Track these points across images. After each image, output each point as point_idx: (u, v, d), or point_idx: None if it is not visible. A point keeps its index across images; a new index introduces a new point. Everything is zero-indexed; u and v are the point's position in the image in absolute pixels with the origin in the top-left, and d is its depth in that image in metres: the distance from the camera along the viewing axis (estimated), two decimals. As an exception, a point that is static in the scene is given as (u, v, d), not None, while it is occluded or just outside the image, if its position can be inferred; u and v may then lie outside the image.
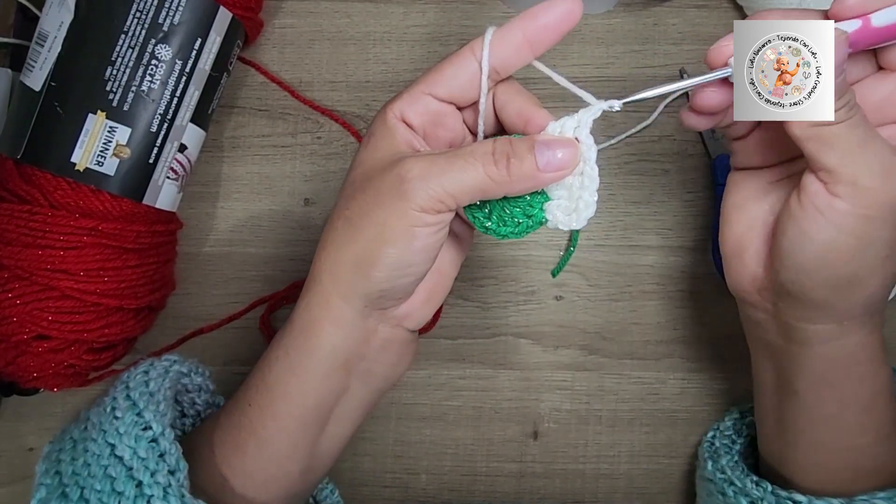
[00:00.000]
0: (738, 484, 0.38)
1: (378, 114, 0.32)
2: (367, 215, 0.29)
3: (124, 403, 0.34)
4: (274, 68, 0.50)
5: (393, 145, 0.30)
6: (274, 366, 0.33)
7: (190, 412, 0.40)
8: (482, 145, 0.29)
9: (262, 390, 0.33)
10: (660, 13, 0.50)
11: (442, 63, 0.31)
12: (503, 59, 0.30)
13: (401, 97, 0.31)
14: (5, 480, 0.48)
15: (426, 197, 0.28)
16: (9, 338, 0.41)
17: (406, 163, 0.29)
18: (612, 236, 0.49)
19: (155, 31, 0.41)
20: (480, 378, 0.49)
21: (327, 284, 0.31)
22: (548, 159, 0.29)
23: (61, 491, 0.32)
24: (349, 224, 0.30)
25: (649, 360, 0.49)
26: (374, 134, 0.31)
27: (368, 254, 0.29)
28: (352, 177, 0.32)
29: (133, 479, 0.31)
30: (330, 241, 0.31)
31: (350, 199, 0.31)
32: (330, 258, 0.31)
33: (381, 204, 0.29)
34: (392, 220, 0.29)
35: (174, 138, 0.43)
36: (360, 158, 0.32)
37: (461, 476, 0.49)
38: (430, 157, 0.29)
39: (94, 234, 0.40)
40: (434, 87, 0.31)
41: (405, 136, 0.31)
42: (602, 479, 0.48)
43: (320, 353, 0.32)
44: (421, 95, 0.31)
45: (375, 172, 0.30)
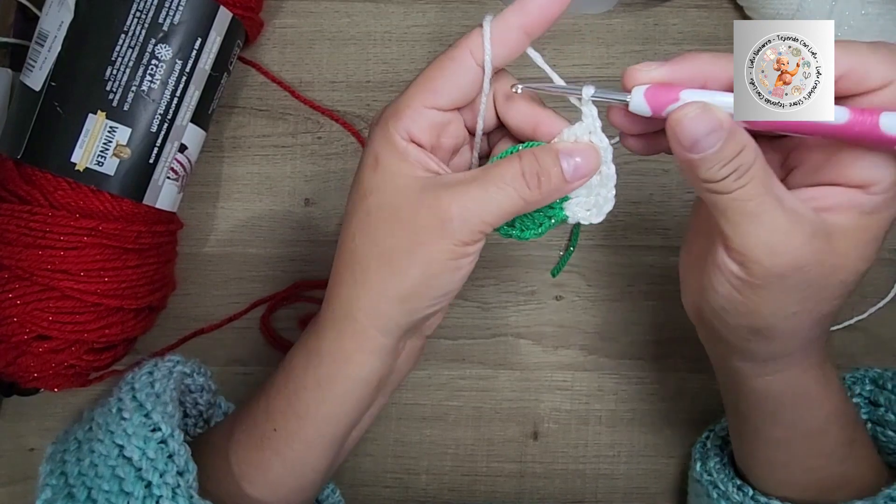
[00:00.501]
0: (721, 487, 0.39)
1: (378, 132, 0.30)
2: (408, 254, 0.29)
3: (131, 404, 0.34)
4: (274, 68, 0.50)
5: (409, 171, 0.29)
6: (303, 394, 0.33)
7: (192, 412, 0.40)
8: (510, 167, 0.29)
9: (290, 416, 0.33)
10: (660, 13, 0.50)
11: (438, 69, 0.29)
12: (503, 55, 0.29)
13: (402, 114, 0.29)
14: (5, 480, 0.48)
15: (468, 231, 0.29)
16: (9, 338, 0.41)
17: (442, 201, 0.28)
18: (612, 236, 0.49)
19: (155, 31, 0.41)
20: (480, 378, 0.49)
21: (363, 320, 0.31)
22: (574, 168, 0.29)
23: (67, 491, 0.32)
24: (387, 263, 0.30)
25: (649, 360, 0.49)
26: (382, 157, 0.30)
27: (414, 291, 0.30)
28: (366, 204, 0.30)
29: (142, 479, 0.31)
30: (361, 279, 0.31)
31: (379, 233, 0.30)
32: (367, 296, 0.31)
33: (422, 242, 0.29)
34: (437, 257, 0.29)
35: (174, 138, 0.43)
36: (371, 184, 0.30)
37: (461, 476, 0.49)
38: (463, 189, 0.29)
39: (95, 234, 0.40)
40: (436, 99, 0.29)
41: (419, 157, 0.30)
42: (602, 479, 0.48)
43: (356, 383, 0.32)
44: (423, 111, 0.29)
45: (401, 205, 0.29)
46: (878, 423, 0.39)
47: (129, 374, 0.37)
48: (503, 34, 0.29)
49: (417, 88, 0.30)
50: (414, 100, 0.29)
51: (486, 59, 0.29)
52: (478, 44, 0.29)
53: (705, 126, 0.26)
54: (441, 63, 0.29)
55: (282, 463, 0.33)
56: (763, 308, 0.29)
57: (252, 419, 0.35)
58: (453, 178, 0.30)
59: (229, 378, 0.48)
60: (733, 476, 0.39)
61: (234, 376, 0.49)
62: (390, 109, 0.30)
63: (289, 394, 0.33)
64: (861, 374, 0.41)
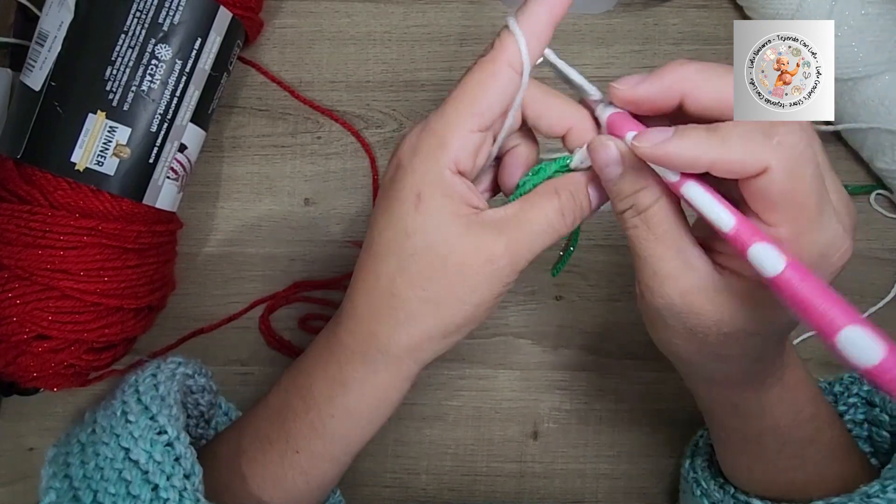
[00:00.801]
0: (703, 485, 0.39)
1: (421, 166, 0.28)
2: (458, 299, 0.29)
3: (136, 407, 0.34)
4: (274, 68, 0.50)
5: (454, 210, 0.29)
6: (329, 422, 0.33)
7: (193, 413, 0.40)
8: (549, 205, 0.30)
9: (314, 440, 0.33)
10: (660, 13, 0.50)
11: (480, 88, 0.28)
12: (537, 53, 0.29)
13: (449, 144, 0.28)
14: (5, 480, 0.48)
15: (514, 271, 0.30)
16: (9, 338, 0.41)
17: (488, 243, 0.29)
18: (612, 236, 0.49)
19: (155, 31, 0.41)
20: (480, 378, 0.49)
21: (404, 356, 0.31)
22: (598, 197, 0.31)
23: (73, 494, 0.32)
24: (436, 307, 0.30)
25: (649, 360, 0.49)
26: (426, 195, 0.28)
27: (459, 329, 0.31)
28: (410, 246, 0.29)
29: (149, 482, 0.31)
30: (406, 322, 0.30)
31: (426, 277, 0.29)
32: (411, 337, 0.30)
33: (472, 287, 0.29)
34: (487, 297, 0.30)
35: (174, 138, 0.43)
36: (415, 224, 0.29)
37: (461, 476, 0.49)
38: (507, 230, 0.29)
39: (94, 234, 0.40)
40: (482, 121, 0.28)
41: (463, 194, 0.29)
42: (602, 479, 0.48)
43: (389, 407, 0.33)
44: (470, 136, 0.28)
45: (448, 248, 0.29)
46: (874, 424, 0.39)
47: (132, 377, 0.37)
48: (536, 33, 0.28)
49: (460, 111, 0.28)
50: (459, 126, 0.28)
51: (524, 69, 0.28)
52: (515, 52, 0.28)
53: (604, 157, 0.28)
54: (481, 81, 0.28)
55: (306, 481, 0.34)
56: (653, 332, 0.31)
57: (267, 438, 0.34)
58: (495, 216, 0.30)
59: (229, 378, 0.48)
60: (716, 474, 0.39)
61: (234, 376, 0.49)
62: (433, 139, 0.28)
63: (312, 420, 0.33)
64: (859, 374, 0.40)
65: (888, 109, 0.44)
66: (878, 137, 0.45)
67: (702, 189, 0.26)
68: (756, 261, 0.24)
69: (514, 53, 0.28)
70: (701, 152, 0.25)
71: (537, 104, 0.30)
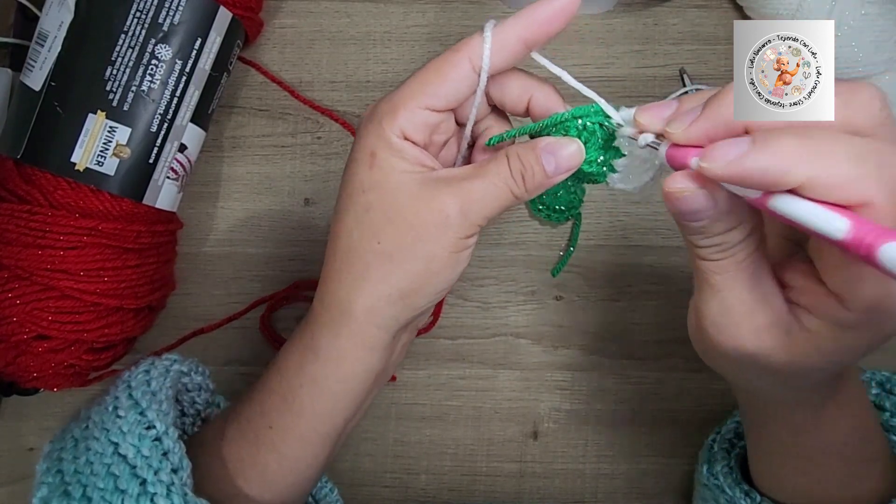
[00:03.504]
0: (728, 493, 0.38)
1: (372, 128, 0.30)
2: (408, 249, 0.30)
3: (127, 402, 0.34)
4: (274, 68, 0.50)
5: (406, 167, 0.30)
6: (298, 391, 0.33)
7: (190, 411, 0.40)
8: (501, 165, 0.30)
9: (285, 413, 0.33)
10: (660, 13, 0.50)
11: (436, 73, 0.30)
12: (501, 64, 0.29)
13: (397, 113, 0.30)
14: (5, 480, 0.48)
15: (468, 226, 0.30)
16: (9, 338, 0.41)
17: (441, 197, 0.29)
18: (612, 236, 0.49)
19: (155, 31, 0.41)
20: (480, 378, 0.49)
21: (362, 317, 0.31)
22: (555, 166, 0.29)
23: (63, 489, 0.32)
24: (387, 258, 0.30)
25: (649, 360, 0.49)
26: (379, 153, 0.30)
27: (415, 287, 0.30)
28: (364, 200, 0.30)
29: (137, 476, 0.31)
30: (361, 276, 0.31)
31: (380, 229, 0.30)
32: (368, 293, 0.31)
33: (423, 238, 0.30)
34: (439, 252, 0.30)
35: (174, 138, 0.43)
36: (369, 180, 0.30)
37: (461, 476, 0.49)
38: (461, 185, 0.29)
39: (94, 234, 0.40)
40: (433, 102, 0.30)
41: (415, 155, 0.30)
42: (602, 479, 0.48)
43: (353, 380, 0.33)
44: (419, 111, 0.30)
45: (401, 201, 0.30)
46: (885, 429, 0.38)
47: (126, 373, 0.37)
48: (503, 44, 0.29)
49: (414, 88, 0.30)
50: (410, 100, 0.30)
51: (483, 69, 0.29)
52: (477, 52, 0.29)
53: (692, 206, 0.24)
54: (440, 67, 0.30)
55: (278, 460, 0.33)
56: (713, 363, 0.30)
57: (245, 417, 0.35)
58: (449, 174, 0.30)
59: (229, 378, 0.48)
60: (740, 481, 0.38)
61: (234, 376, 0.49)
62: (385, 106, 0.30)
63: (284, 392, 0.33)
64: (868, 377, 0.40)
65: (888, 109, 0.44)
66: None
67: (796, 198, 0.21)
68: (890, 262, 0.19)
69: (476, 52, 0.29)
70: (792, 164, 0.21)
71: (498, 80, 0.31)
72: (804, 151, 0.21)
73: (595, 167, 0.30)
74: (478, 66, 0.29)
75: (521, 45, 0.29)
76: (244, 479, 0.34)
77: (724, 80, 0.49)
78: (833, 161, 0.20)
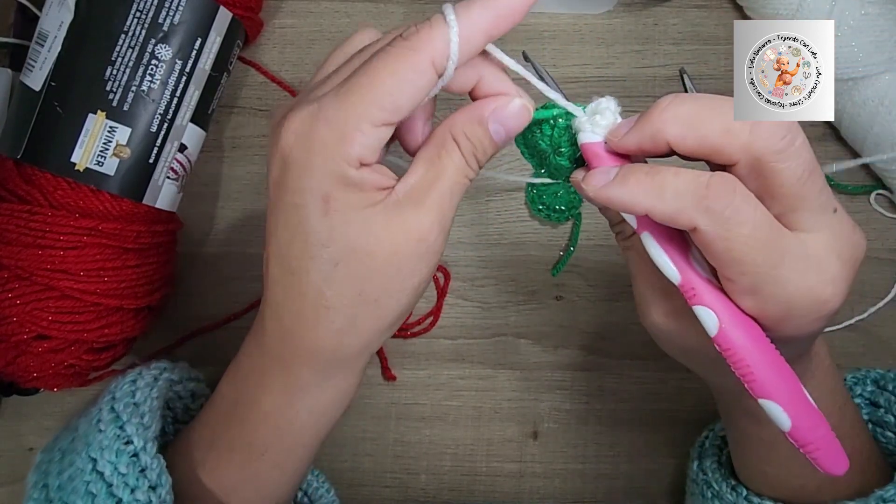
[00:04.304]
0: (714, 487, 0.39)
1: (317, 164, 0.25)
2: (395, 289, 0.28)
3: (108, 416, 0.33)
4: (274, 68, 0.50)
5: (368, 203, 0.26)
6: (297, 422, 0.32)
7: (184, 418, 0.40)
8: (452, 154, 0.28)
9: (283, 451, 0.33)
10: (660, 13, 0.50)
11: (395, 79, 0.25)
12: (463, 62, 0.26)
13: (350, 140, 0.25)
14: (5, 480, 0.48)
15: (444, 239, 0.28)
16: (9, 338, 0.41)
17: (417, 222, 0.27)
18: (612, 236, 0.49)
19: (155, 31, 0.41)
20: (480, 378, 0.49)
21: (353, 358, 0.30)
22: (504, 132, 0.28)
23: None
24: (376, 306, 0.28)
25: (649, 360, 0.49)
26: (334, 198, 0.26)
27: (402, 315, 0.30)
28: (329, 255, 0.27)
29: (113, 496, 0.30)
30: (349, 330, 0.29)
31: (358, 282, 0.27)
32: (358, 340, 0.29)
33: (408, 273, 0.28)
34: (426, 278, 0.29)
35: (174, 138, 0.43)
36: (327, 232, 0.26)
37: (461, 476, 0.49)
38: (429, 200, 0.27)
39: (94, 234, 0.40)
40: (391, 116, 0.25)
41: (373, 181, 0.27)
42: (602, 479, 0.48)
43: (344, 401, 0.32)
44: (377, 130, 0.25)
45: (373, 244, 0.27)
46: (878, 425, 0.39)
47: (113, 382, 0.36)
48: (468, 40, 0.25)
49: (366, 102, 0.25)
50: (363, 119, 0.25)
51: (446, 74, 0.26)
52: (441, 53, 0.25)
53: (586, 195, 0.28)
54: (397, 72, 0.25)
55: (256, 489, 0.33)
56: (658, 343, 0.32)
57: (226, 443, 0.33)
58: (409, 188, 0.27)
59: (229, 378, 0.48)
60: (727, 476, 0.39)
61: (234, 376, 0.49)
62: (330, 132, 0.25)
63: (280, 423, 0.32)
64: (863, 375, 0.40)
65: (888, 109, 0.44)
66: (877, 137, 0.45)
67: (653, 241, 0.27)
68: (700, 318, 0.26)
69: (440, 54, 0.25)
70: (637, 200, 0.25)
71: None
72: (645, 188, 0.25)
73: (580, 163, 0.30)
74: (441, 67, 0.25)
75: (485, 40, 0.26)
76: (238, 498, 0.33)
77: (724, 80, 0.49)
78: (664, 196, 0.25)
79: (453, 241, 0.49)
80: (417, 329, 0.49)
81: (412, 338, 0.49)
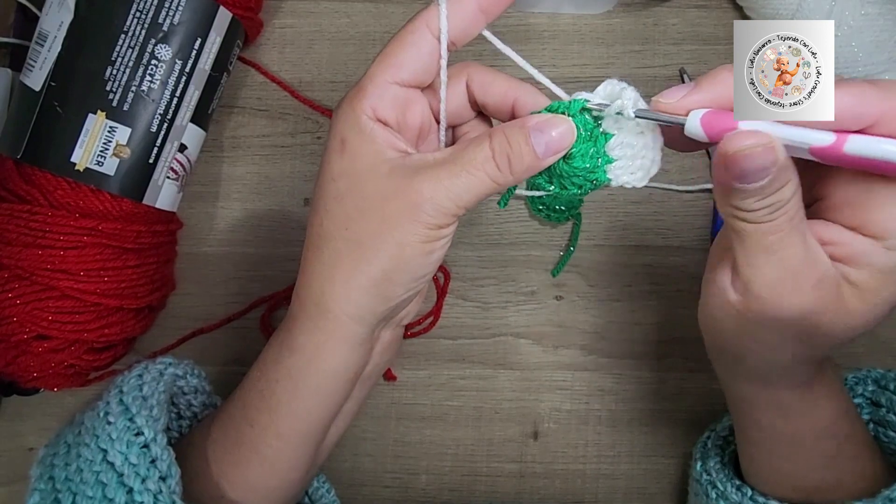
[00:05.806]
0: (719, 487, 0.38)
1: (342, 113, 0.29)
2: (379, 239, 0.29)
3: (117, 408, 0.34)
4: (274, 68, 0.50)
5: (377, 152, 0.29)
6: (276, 388, 0.33)
7: (187, 414, 0.40)
8: (480, 149, 0.28)
9: (264, 410, 0.33)
10: (660, 13, 0.50)
11: (398, 43, 0.29)
12: (460, 29, 0.29)
13: (366, 92, 0.29)
14: (5, 480, 0.48)
15: (440, 214, 0.28)
16: (9, 338, 0.41)
17: (413, 184, 0.28)
18: (612, 236, 0.49)
19: (155, 31, 0.41)
20: (480, 378, 0.49)
21: (335, 308, 0.30)
22: (545, 146, 0.28)
23: (54, 497, 0.32)
24: (357, 247, 0.29)
25: (649, 360, 0.49)
26: (349, 139, 0.29)
27: (387, 275, 0.29)
28: (334, 188, 0.30)
29: (124, 485, 0.31)
30: (331, 266, 0.30)
31: (349, 217, 0.29)
32: (339, 283, 0.30)
33: (392, 226, 0.28)
34: (410, 241, 0.28)
35: (174, 138, 0.43)
36: (339, 167, 0.29)
37: (461, 476, 0.49)
38: (434, 173, 0.28)
39: (94, 234, 0.40)
40: (399, 73, 0.29)
41: (386, 138, 0.29)
42: (602, 479, 0.48)
43: (330, 376, 0.32)
44: (387, 86, 0.29)
45: (370, 188, 0.29)
46: (880, 424, 0.39)
47: (119, 377, 0.37)
48: (460, 10, 0.28)
49: (379, 64, 0.29)
50: (376, 76, 0.29)
51: (441, 32, 0.29)
52: (434, 17, 0.29)
53: (762, 162, 0.25)
54: (400, 37, 0.29)
55: (259, 461, 0.33)
56: (747, 336, 0.29)
57: (228, 416, 0.34)
58: (423, 159, 0.29)
59: (229, 378, 0.48)
60: (732, 476, 0.39)
61: (234, 376, 0.49)
62: (353, 89, 0.30)
63: (262, 388, 0.33)
64: (864, 375, 0.40)
65: (888, 109, 0.44)
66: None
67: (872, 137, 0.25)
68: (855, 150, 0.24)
69: (433, 18, 0.29)
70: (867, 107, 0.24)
71: (480, 82, 0.31)
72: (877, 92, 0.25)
73: (589, 161, 0.29)
74: (436, 31, 0.29)
75: (477, 11, 0.29)
76: (227, 480, 0.34)
77: (724, 80, 0.49)
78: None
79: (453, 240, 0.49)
80: (417, 329, 0.49)
81: (412, 338, 0.49)
